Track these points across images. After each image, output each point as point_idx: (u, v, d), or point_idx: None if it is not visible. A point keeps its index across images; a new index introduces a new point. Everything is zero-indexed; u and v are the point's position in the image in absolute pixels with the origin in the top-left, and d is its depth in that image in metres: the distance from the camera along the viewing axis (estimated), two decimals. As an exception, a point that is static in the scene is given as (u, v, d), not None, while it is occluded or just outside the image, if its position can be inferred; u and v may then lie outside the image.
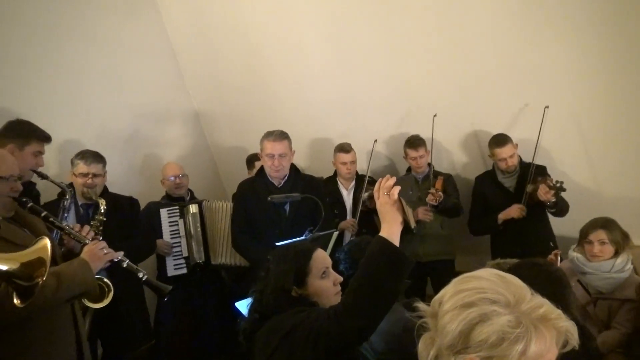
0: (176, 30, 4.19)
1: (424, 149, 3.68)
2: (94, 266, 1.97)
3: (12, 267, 0.85)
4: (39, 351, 1.82)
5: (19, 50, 3.20)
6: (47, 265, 0.87)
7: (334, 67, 3.90)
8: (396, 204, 1.47)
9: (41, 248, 0.89)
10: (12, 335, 1.75)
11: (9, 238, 1.81)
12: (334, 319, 1.38)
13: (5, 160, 1.95)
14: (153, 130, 4.20)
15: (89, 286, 1.92)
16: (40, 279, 0.86)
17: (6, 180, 1.89)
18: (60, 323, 1.93)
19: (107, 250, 2.06)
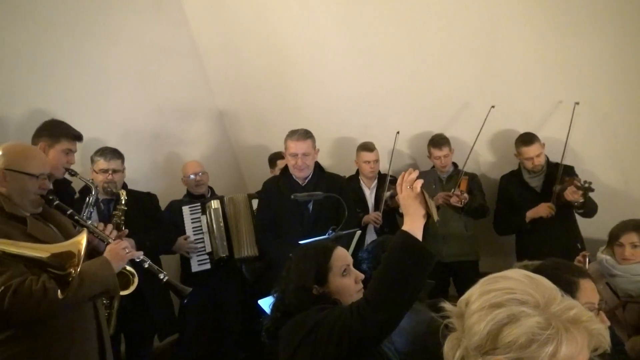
0: (200, 30, 4.23)
1: (448, 148, 3.64)
2: (115, 265, 1.98)
3: (42, 256, 0.88)
4: (60, 347, 1.85)
5: (51, 53, 3.29)
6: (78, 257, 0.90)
7: (357, 66, 3.88)
8: (419, 197, 1.46)
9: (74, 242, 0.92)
10: (33, 331, 1.80)
11: (34, 234, 1.86)
12: (356, 313, 1.38)
13: (37, 158, 2.01)
14: (177, 129, 4.25)
15: (109, 285, 1.94)
16: (73, 269, 0.89)
17: (36, 178, 1.94)
18: (81, 320, 1.96)
19: (129, 249, 2.08)
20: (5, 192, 1.89)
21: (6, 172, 1.90)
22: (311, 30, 3.86)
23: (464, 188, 3.48)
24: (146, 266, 2.17)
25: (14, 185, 1.90)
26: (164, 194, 3.70)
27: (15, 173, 1.90)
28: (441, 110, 3.82)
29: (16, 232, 1.81)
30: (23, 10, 3.15)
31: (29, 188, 1.92)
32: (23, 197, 1.92)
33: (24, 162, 1.93)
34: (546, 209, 3.32)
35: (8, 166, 1.90)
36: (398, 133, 3.79)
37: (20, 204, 1.91)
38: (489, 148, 3.85)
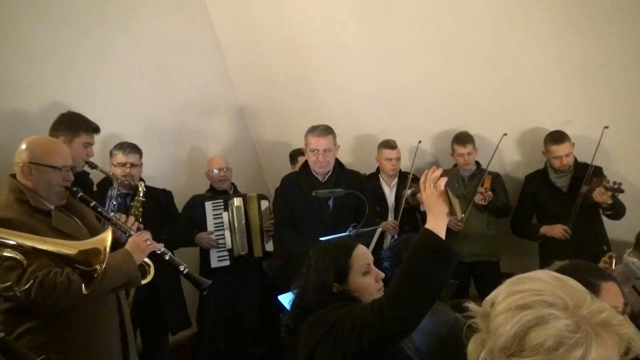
0: (223, 26, 4.25)
1: (472, 146, 3.59)
2: (136, 257, 2.00)
3: (70, 253, 0.88)
4: (84, 337, 1.89)
5: (70, 47, 3.32)
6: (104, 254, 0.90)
7: (379, 63, 3.85)
8: (442, 196, 1.45)
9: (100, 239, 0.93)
10: (57, 322, 1.83)
11: (59, 228, 1.89)
12: (377, 310, 1.37)
13: (61, 151, 2.03)
14: (198, 124, 4.28)
15: (131, 277, 1.96)
16: (99, 265, 0.89)
17: (59, 170, 1.97)
18: (104, 311, 1.99)
19: (151, 242, 2.09)
20: (31, 185, 1.93)
21: (31, 166, 1.93)
22: (332, 25, 3.84)
23: (488, 186, 3.42)
24: (167, 258, 2.18)
25: (39, 178, 1.93)
26: (184, 189, 3.74)
27: (40, 166, 1.93)
28: (465, 108, 3.76)
29: (42, 226, 1.84)
30: (47, 5, 3.20)
31: (54, 180, 1.95)
32: (48, 190, 1.95)
33: (47, 155, 1.96)
34: (560, 232, 3.28)
35: (32, 160, 1.94)
36: (420, 142, 3.78)
37: (45, 197, 1.94)
38: (514, 147, 3.77)
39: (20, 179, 1.94)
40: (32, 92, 3.14)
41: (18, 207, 1.87)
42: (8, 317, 1.80)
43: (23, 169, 1.93)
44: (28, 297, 1.69)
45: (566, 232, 3.27)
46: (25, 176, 1.93)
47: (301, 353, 1.57)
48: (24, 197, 1.90)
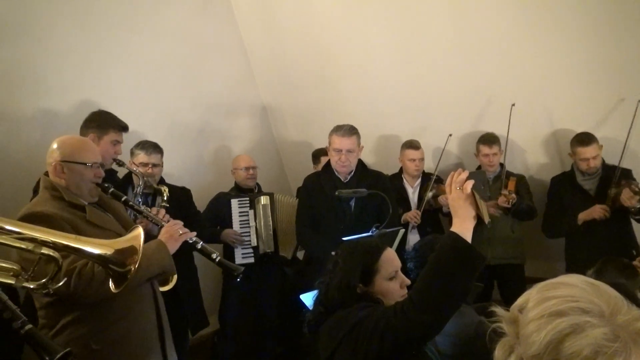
0: (247, 25, 4.27)
1: (498, 147, 3.54)
2: (170, 247, 2.02)
3: (107, 252, 0.90)
4: (122, 326, 1.92)
5: (99, 47, 3.39)
6: (139, 253, 0.91)
7: (403, 63, 3.82)
8: (469, 199, 1.43)
9: (134, 237, 0.94)
10: (96, 313, 1.87)
11: (94, 221, 1.94)
12: (400, 313, 1.37)
13: (90, 149, 2.07)
14: (222, 123, 4.32)
15: (165, 266, 1.98)
16: (132, 266, 0.91)
17: (90, 167, 2.00)
18: (141, 300, 2.02)
19: (183, 230, 2.11)
20: (64, 183, 1.97)
21: (62, 164, 1.97)
22: (356, 27, 3.83)
23: (512, 189, 3.37)
24: (199, 247, 2.19)
25: (71, 176, 1.97)
26: (208, 187, 3.78)
27: (71, 164, 1.97)
28: (490, 109, 3.71)
29: (78, 220, 1.89)
30: (77, 7, 3.27)
31: (85, 177, 1.99)
32: (80, 187, 1.99)
33: (77, 153, 2.00)
34: (600, 211, 3.16)
35: (64, 158, 1.98)
36: (450, 136, 3.71)
37: (78, 193, 1.98)
38: (540, 149, 3.71)
39: (53, 178, 1.98)
40: (62, 91, 3.21)
41: (55, 203, 1.92)
42: (50, 311, 1.85)
43: (55, 168, 1.97)
44: (68, 289, 1.71)
45: (605, 211, 3.14)
46: (57, 174, 1.97)
47: (322, 352, 1.57)
48: (59, 194, 1.94)
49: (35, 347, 1.39)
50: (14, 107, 3.01)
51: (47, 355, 1.38)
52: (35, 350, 1.40)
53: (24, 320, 1.39)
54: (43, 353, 1.38)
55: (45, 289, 0.90)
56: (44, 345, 1.39)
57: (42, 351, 1.38)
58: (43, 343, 1.39)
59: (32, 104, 3.10)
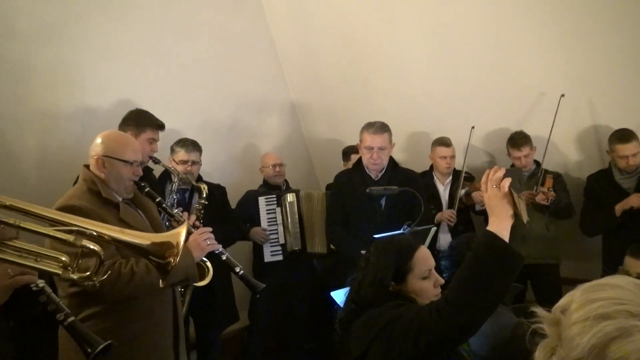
0: (277, 23, 4.29)
1: (529, 147, 3.44)
2: (196, 255, 2.03)
3: (143, 243, 0.92)
4: (141, 327, 1.96)
5: (136, 47, 3.47)
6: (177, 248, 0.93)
7: (433, 59, 3.77)
8: (506, 197, 1.40)
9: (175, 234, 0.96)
10: (117, 310, 1.91)
11: (125, 220, 1.97)
12: (435, 313, 1.35)
13: (132, 147, 2.11)
14: (252, 121, 4.35)
15: (189, 273, 1.99)
16: (172, 258, 0.92)
17: (130, 165, 2.04)
18: (160, 304, 2.05)
19: (211, 241, 2.13)
20: (104, 177, 2.01)
21: (105, 159, 2.01)
22: (386, 24, 3.79)
23: (550, 186, 3.28)
24: (224, 258, 2.22)
25: (111, 171, 2.01)
26: (238, 184, 3.81)
27: (113, 160, 2.01)
28: (522, 105, 3.63)
29: (110, 217, 1.92)
30: (115, 9, 3.35)
31: (124, 174, 2.03)
32: (119, 183, 2.03)
33: (120, 150, 2.04)
34: (637, 199, 3.05)
35: (106, 153, 2.02)
36: (473, 128, 3.64)
37: (116, 189, 2.03)
38: (576, 145, 3.60)
39: (94, 171, 2.02)
40: (100, 90, 3.30)
41: (90, 197, 1.96)
42: (74, 300, 1.89)
43: (97, 161, 2.01)
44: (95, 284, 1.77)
45: None
46: (98, 168, 2.01)
47: (354, 350, 1.56)
48: (96, 188, 1.98)
49: (78, 339, 1.44)
50: (54, 105, 3.11)
51: (89, 347, 1.42)
52: (77, 341, 1.45)
53: (67, 312, 1.44)
54: (85, 345, 1.43)
55: (90, 281, 0.92)
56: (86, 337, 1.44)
57: (84, 343, 1.43)
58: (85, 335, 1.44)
59: (71, 103, 3.19)
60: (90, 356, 1.44)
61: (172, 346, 2.10)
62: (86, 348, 1.45)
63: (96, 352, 1.44)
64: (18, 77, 2.97)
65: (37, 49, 3.02)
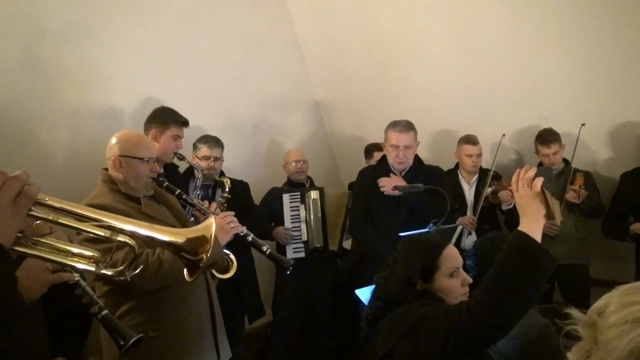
0: (301, 22, 4.30)
1: (558, 145, 3.37)
2: (221, 239, 2.06)
3: (179, 241, 0.92)
4: (177, 315, 2.00)
5: (159, 46, 3.51)
6: (210, 242, 0.94)
7: (460, 57, 3.71)
8: (539, 197, 1.37)
9: (207, 226, 0.96)
10: (152, 302, 1.95)
11: (148, 213, 2.01)
12: (465, 313, 1.33)
13: (146, 144, 2.15)
14: (276, 118, 4.37)
15: (216, 257, 2.00)
16: (204, 254, 0.93)
17: (146, 162, 2.08)
18: (193, 290, 2.08)
19: (234, 224, 2.16)
20: (122, 177, 2.05)
21: (121, 159, 2.05)
22: (412, 20, 3.76)
23: (580, 184, 3.20)
24: (249, 239, 2.24)
25: (129, 170, 2.06)
26: (262, 181, 3.83)
27: (128, 159, 2.05)
28: (551, 102, 3.54)
29: (133, 211, 1.96)
30: (139, 8, 3.40)
31: (142, 171, 2.07)
32: (137, 181, 2.07)
33: (134, 148, 2.08)
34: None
35: (122, 153, 2.06)
36: (504, 136, 3.60)
37: (135, 187, 2.07)
38: (607, 143, 3.50)
39: (112, 172, 2.07)
40: (126, 89, 3.35)
41: (112, 196, 2.01)
42: (110, 298, 1.94)
43: (114, 162, 2.06)
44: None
45: None
46: (116, 169, 2.06)
47: (380, 348, 1.55)
48: (116, 187, 2.02)
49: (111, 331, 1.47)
50: (83, 103, 3.17)
51: (122, 340, 1.46)
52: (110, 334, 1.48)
53: (101, 305, 1.47)
54: (118, 337, 1.46)
55: (123, 275, 0.94)
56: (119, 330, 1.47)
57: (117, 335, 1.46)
58: (118, 328, 1.47)
59: (99, 101, 3.25)
60: (122, 348, 1.47)
61: (211, 330, 2.14)
62: (119, 340, 1.48)
63: (128, 345, 1.47)
64: (50, 76, 3.04)
65: (67, 49, 3.09)
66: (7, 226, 0.81)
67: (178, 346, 1.99)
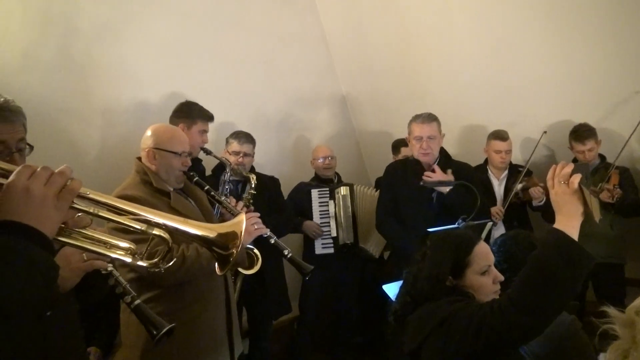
0: (328, 16, 4.28)
1: (594, 141, 3.26)
2: (244, 239, 2.08)
3: (210, 235, 0.95)
4: (195, 309, 2.03)
5: (188, 42, 3.54)
6: (240, 238, 0.95)
7: (489, 50, 3.63)
8: (576, 194, 1.32)
9: (237, 223, 0.98)
10: (173, 294, 1.99)
11: (177, 207, 2.04)
12: (498, 312, 1.30)
13: (179, 138, 2.18)
14: (303, 114, 4.37)
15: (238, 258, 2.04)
16: (234, 249, 0.95)
17: (179, 155, 2.11)
18: (213, 288, 2.11)
19: (258, 225, 2.17)
20: (155, 169, 2.10)
21: (155, 151, 2.09)
22: (440, 13, 3.70)
23: (616, 182, 3.10)
24: (272, 242, 2.26)
25: (162, 162, 2.09)
26: (290, 177, 3.84)
27: (162, 151, 2.09)
28: (587, 97, 3.44)
29: (162, 205, 2.00)
30: (167, 4, 3.44)
31: (174, 165, 2.10)
32: (169, 174, 2.10)
33: (169, 142, 2.12)
34: None
35: (157, 145, 2.10)
36: (545, 132, 3.50)
37: (166, 179, 2.10)
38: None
39: (145, 162, 2.12)
40: (156, 85, 3.40)
41: (142, 187, 2.05)
42: (134, 286, 1.95)
43: (148, 154, 2.10)
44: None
45: None
46: (149, 160, 2.10)
47: (408, 344, 1.54)
48: (148, 179, 2.07)
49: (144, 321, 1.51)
50: (114, 99, 3.24)
51: (154, 329, 1.49)
52: (143, 323, 1.52)
53: (134, 295, 1.51)
54: (150, 327, 1.49)
55: (157, 267, 0.97)
56: (151, 320, 1.51)
57: (150, 325, 1.50)
58: (151, 317, 1.51)
59: (128, 97, 3.30)
60: (155, 338, 1.50)
61: (226, 329, 2.16)
62: (151, 330, 1.51)
63: (161, 334, 1.50)
64: (82, 74, 3.10)
65: (99, 47, 3.15)
66: (50, 218, 0.85)
67: (193, 340, 2.02)
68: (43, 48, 2.94)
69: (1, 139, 1.42)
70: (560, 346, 1.69)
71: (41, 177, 0.86)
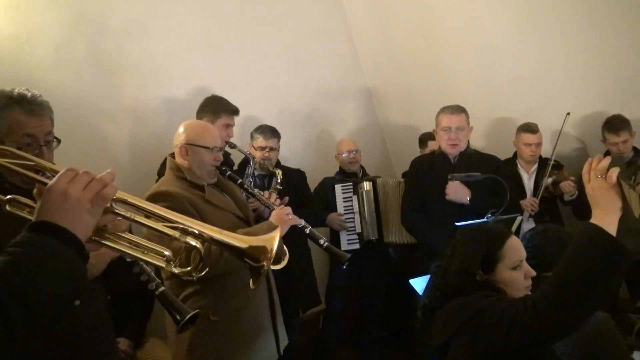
0: (354, 9, 4.26)
1: (628, 133, 3.17)
2: (280, 229, 2.09)
3: (242, 246, 0.97)
4: (238, 301, 2.06)
5: (215, 39, 3.58)
6: (271, 253, 0.98)
7: (518, 41, 3.54)
8: (614, 188, 1.29)
9: (271, 238, 1.00)
10: (215, 287, 2.02)
11: (212, 201, 2.08)
12: (532, 309, 1.28)
13: (212, 134, 2.20)
14: (328, 108, 4.36)
15: (279, 251, 2.07)
16: (265, 262, 0.97)
17: (211, 151, 2.13)
18: None
19: (292, 215, 2.19)
20: (187, 164, 2.12)
21: (187, 147, 2.12)
22: (466, 5, 3.63)
23: None
24: (307, 232, 2.29)
25: (194, 158, 2.12)
26: (315, 171, 3.85)
27: (194, 147, 2.12)
28: (619, 87, 3.33)
29: (197, 199, 2.04)
30: (194, 3, 3.48)
31: (206, 160, 2.12)
32: (202, 169, 2.13)
33: (201, 137, 2.14)
34: None
35: (189, 141, 2.13)
36: (568, 114, 3.38)
37: (199, 174, 2.13)
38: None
39: (178, 159, 2.15)
40: (184, 81, 3.45)
41: (178, 183, 2.08)
42: (175, 282, 2.03)
43: (180, 150, 2.13)
44: None
45: None
46: (182, 156, 2.13)
47: (437, 338, 1.53)
48: (182, 174, 2.10)
49: (168, 307, 1.54)
50: (142, 97, 3.30)
51: (179, 315, 1.52)
52: (167, 309, 1.55)
53: (158, 282, 1.54)
54: (175, 312, 1.53)
55: (190, 276, 1.00)
56: (176, 306, 1.54)
57: (174, 311, 1.53)
58: (175, 304, 1.54)
59: (157, 94, 3.36)
60: (179, 323, 1.53)
61: (271, 320, 2.20)
62: (175, 316, 1.54)
63: (185, 320, 1.52)
64: (112, 71, 3.17)
65: (128, 45, 3.21)
66: (83, 222, 0.89)
67: (239, 332, 2.05)
68: (74, 47, 3.01)
69: (30, 133, 1.46)
70: (592, 344, 1.66)
71: (80, 181, 0.89)
